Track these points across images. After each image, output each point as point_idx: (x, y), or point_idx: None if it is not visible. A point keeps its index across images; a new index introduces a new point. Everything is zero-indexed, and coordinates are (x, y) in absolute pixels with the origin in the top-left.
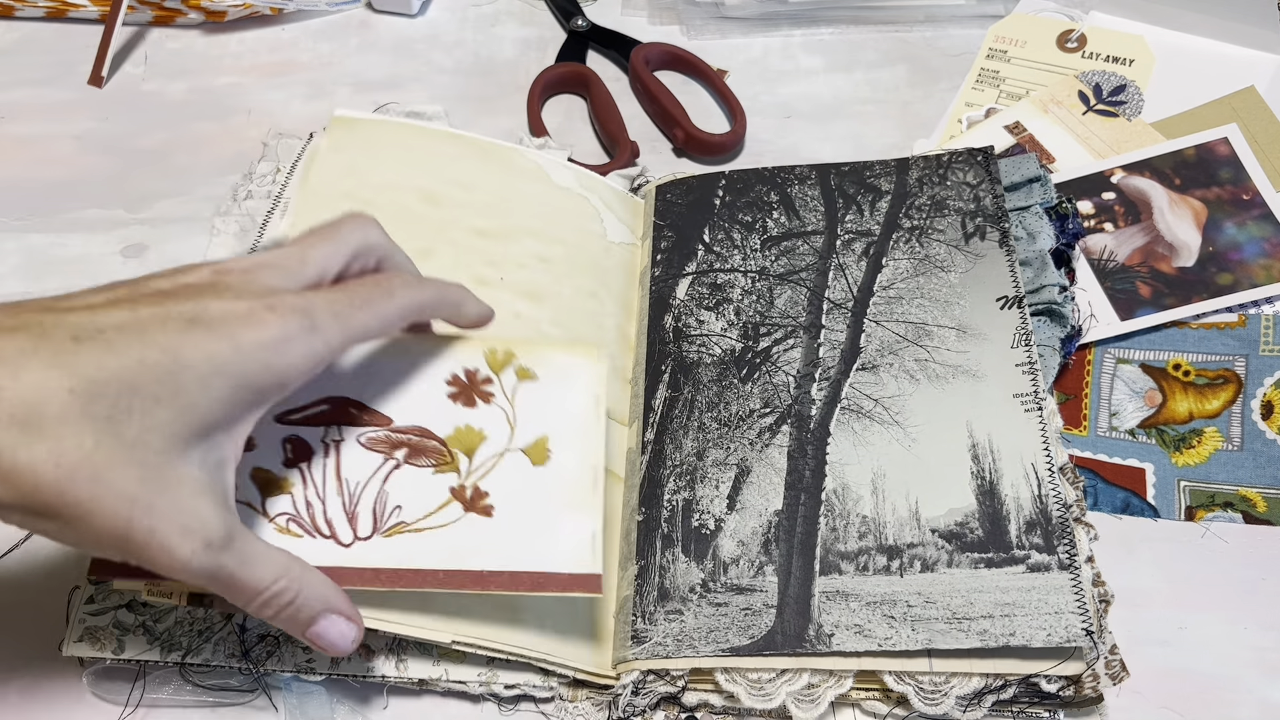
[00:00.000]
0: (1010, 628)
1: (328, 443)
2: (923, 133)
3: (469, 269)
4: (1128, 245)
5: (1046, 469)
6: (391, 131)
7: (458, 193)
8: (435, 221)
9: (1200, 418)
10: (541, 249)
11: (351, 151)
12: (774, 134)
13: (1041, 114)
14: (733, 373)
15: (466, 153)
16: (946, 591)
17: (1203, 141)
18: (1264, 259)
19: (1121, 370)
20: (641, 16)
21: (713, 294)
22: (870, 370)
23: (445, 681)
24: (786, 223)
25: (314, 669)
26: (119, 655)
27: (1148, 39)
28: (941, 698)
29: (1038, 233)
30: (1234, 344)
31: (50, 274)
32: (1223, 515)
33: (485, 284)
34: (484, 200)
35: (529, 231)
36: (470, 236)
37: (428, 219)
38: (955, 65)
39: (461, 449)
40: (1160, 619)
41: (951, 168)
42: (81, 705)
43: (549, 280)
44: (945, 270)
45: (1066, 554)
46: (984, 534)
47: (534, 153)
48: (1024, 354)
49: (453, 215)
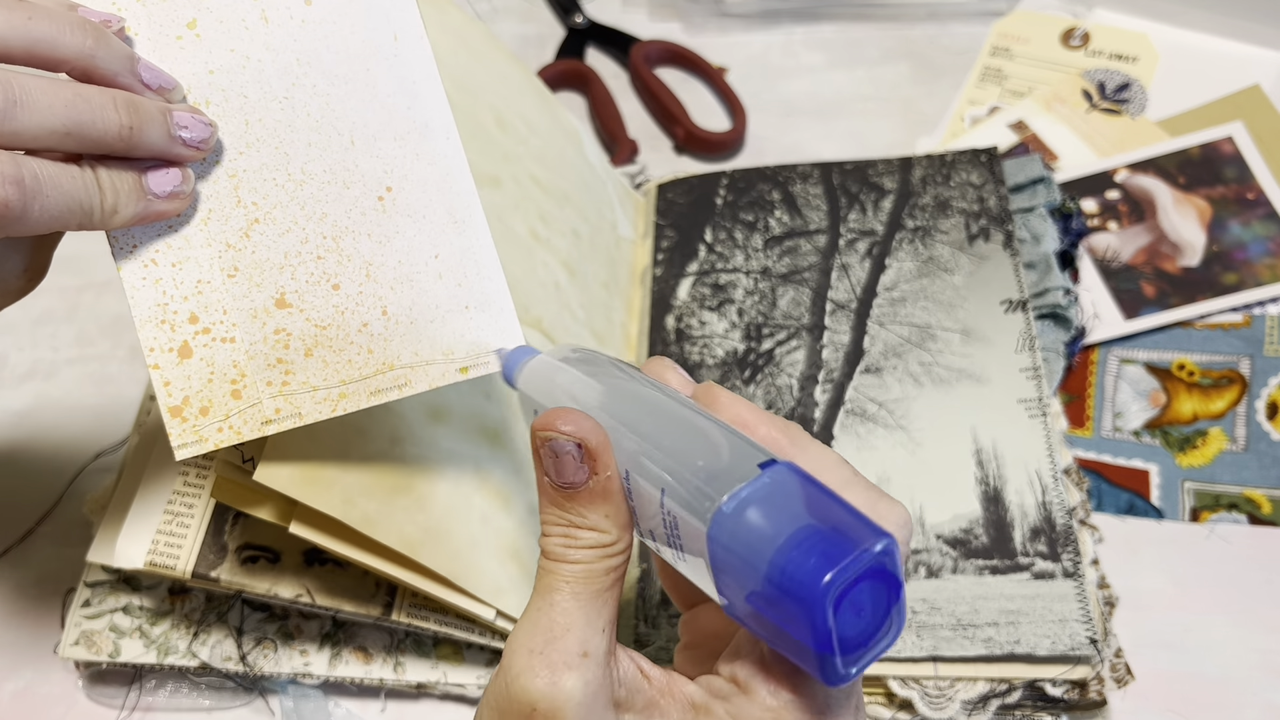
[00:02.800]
0: (1015, 635)
1: None
2: (925, 130)
3: (525, 218)
4: (1132, 244)
5: (1051, 476)
6: (469, 25)
7: (522, 128)
8: (503, 150)
9: (1205, 418)
10: (577, 222)
11: (433, 31)
12: (775, 132)
13: (1045, 112)
14: (735, 374)
15: (527, 88)
16: (952, 598)
17: (1207, 140)
18: (1269, 258)
19: (1126, 370)
20: (641, 13)
21: (715, 294)
22: (874, 373)
23: (443, 685)
24: (789, 221)
25: (311, 672)
26: (115, 658)
27: (1152, 36)
28: (946, 702)
29: (1042, 235)
30: (1239, 344)
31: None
32: (1227, 517)
33: (538, 239)
34: (540, 147)
35: (568, 198)
36: (529, 182)
37: (498, 144)
38: (958, 62)
39: None
40: (1165, 621)
41: (955, 167)
42: (77, 708)
43: (578, 257)
44: (949, 272)
45: (1071, 562)
46: (989, 541)
47: (572, 117)
48: (1028, 358)
49: (516, 150)
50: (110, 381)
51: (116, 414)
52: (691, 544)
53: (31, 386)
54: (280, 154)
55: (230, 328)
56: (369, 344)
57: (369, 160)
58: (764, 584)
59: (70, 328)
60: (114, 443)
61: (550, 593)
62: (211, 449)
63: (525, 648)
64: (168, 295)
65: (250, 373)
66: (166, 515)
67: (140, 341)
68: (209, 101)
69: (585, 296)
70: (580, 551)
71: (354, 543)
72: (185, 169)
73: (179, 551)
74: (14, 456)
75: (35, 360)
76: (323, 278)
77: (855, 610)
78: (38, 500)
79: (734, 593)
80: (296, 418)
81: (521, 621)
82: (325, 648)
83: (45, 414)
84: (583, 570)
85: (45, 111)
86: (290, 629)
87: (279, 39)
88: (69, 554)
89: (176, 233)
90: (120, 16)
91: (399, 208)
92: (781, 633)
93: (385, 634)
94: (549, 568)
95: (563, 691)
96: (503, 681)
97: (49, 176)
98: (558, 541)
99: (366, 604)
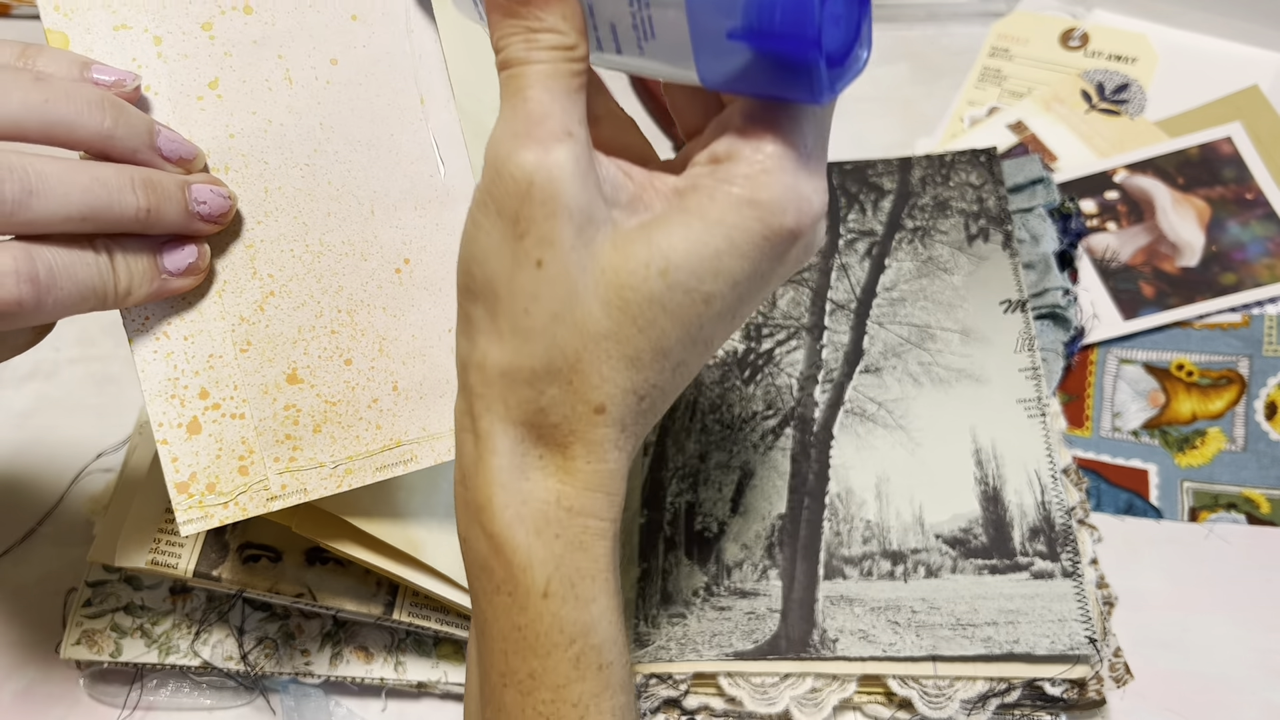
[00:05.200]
0: (1014, 635)
1: None
2: (925, 131)
3: None
4: (1131, 245)
5: (1050, 476)
6: (477, 27)
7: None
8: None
9: (1204, 418)
10: None
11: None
12: None
13: (1044, 112)
14: (735, 374)
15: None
16: (951, 598)
17: (1206, 140)
18: (1268, 259)
19: (1125, 370)
20: None
21: None
22: (873, 373)
23: (444, 684)
24: None
25: (312, 672)
26: (116, 658)
27: (1151, 37)
28: (946, 701)
29: (1041, 235)
30: (1237, 344)
31: None
32: (1226, 516)
33: None
34: None
35: None
36: None
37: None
38: (957, 63)
39: None
40: (1163, 621)
41: (955, 168)
42: (79, 708)
43: None
44: (949, 272)
45: (1070, 561)
46: (988, 540)
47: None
48: (1028, 358)
49: None
50: (112, 381)
51: (118, 414)
52: (664, 11)
53: (33, 386)
54: (299, 224)
55: (240, 404)
56: (378, 420)
57: (388, 231)
58: (748, 11)
59: (72, 328)
60: (115, 443)
61: (521, 90)
62: (217, 524)
63: (509, 134)
64: (179, 370)
65: (258, 449)
66: (168, 515)
67: (149, 416)
68: (228, 167)
69: None
70: (542, 52)
71: (357, 541)
72: (202, 244)
73: (180, 551)
74: (15, 456)
75: (37, 360)
76: (336, 353)
77: (833, 21)
78: (39, 500)
79: (713, 48)
80: (302, 494)
81: (498, 123)
82: (326, 647)
83: (47, 414)
84: (549, 69)
85: (62, 199)
86: (291, 628)
87: (303, 101)
88: (70, 553)
89: (190, 306)
90: (136, 75)
91: (416, 280)
92: (764, 64)
93: (386, 633)
94: (513, 73)
95: (556, 162)
96: (492, 172)
97: (63, 267)
98: (518, 47)
99: (368, 603)
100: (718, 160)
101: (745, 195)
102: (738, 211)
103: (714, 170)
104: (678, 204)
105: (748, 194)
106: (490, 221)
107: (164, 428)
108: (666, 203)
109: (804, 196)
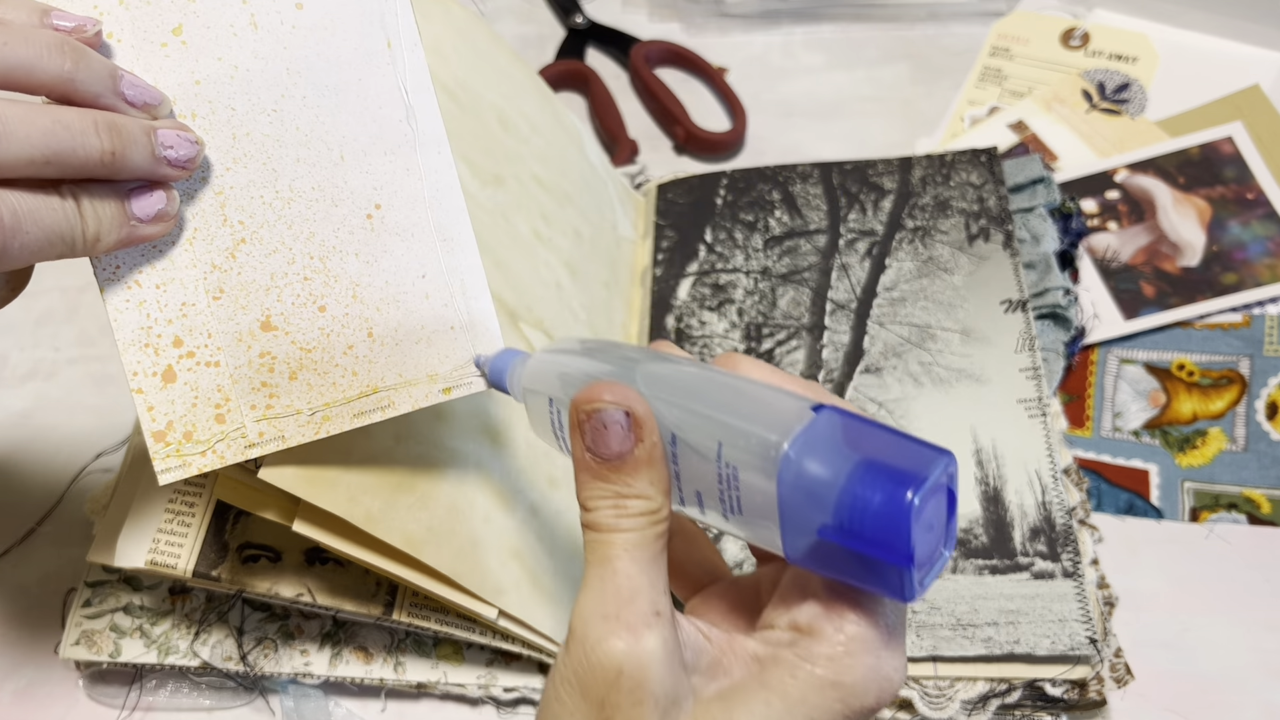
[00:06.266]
0: (1015, 635)
1: None
2: (925, 131)
3: (528, 218)
4: (1131, 244)
5: (1050, 476)
6: (473, 23)
7: (524, 127)
8: (506, 149)
9: (1204, 418)
10: (578, 222)
11: (437, 26)
12: (775, 132)
13: (1045, 112)
14: None
15: (529, 87)
16: (951, 598)
17: (1207, 140)
18: (1269, 258)
19: (1125, 370)
20: (641, 14)
21: (715, 295)
22: (874, 373)
23: (444, 684)
24: (789, 221)
25: (311, 672)
26: (115, 658)
27: (1151, 37)
28: (946, 702)
29: (1042, 235)
30: (1238, 344)
31: None
32: (1227, 517)
33: (540, 239)
34: (542, 147)
35: (570, 199)
36: (531, 182)
37: (501, 143)
38: (958, 63)
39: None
40: (1164, 621)
41: (955, 167)
42: (78, 708)
43: (580, 257)
44: (949, 272)
45: (1071, 561)
46: (989, 540)
47: (574, 117)
48: (1028, 358)
49: (519, 149)
50: (111, 381)
51: (117, 414)
52: (752, 495)
53: (32, 386)
54: (268, 170)
55: (215, 351)
56: (354, 366)
57: (358, 176)
58: (840, 514)
59: (71, 328)
60: (115, 442)
61: (609, 561)
62: (195, 474)
63: (598, 614)
64: (151, 318)
65: (234, 397)
66: (167, 514)
67: (123, 365)
68: (195, 114)
69: (586, 297)
70: (631, 519)
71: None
72: (170, 190)
73: (180, 551)
74: (15, 456)
75: (36, 360)
76: (309, 299)
77: (926, 527)
78: (38, 500)
79: (801, 533)
80: (280, 441)
81: (585, 592)
82: (326, 647)
83: (46, 414)
84: (637, 537)
85: (23, 141)
86: (291, 628)
87: (268, 46)
88: (70, 554)
89: (162, 254)
90: (97, 19)
91: (387, 226)
92: (856, 560)
93: (386, 634)
94: (602, 539)
95: (646, 650)
96: (580, 652)
97: (28, 211)
98: (607, 514)
99: (367, 603)
100: (799, 630)
101: (829, 678)
102: (820, 693)
103: (795, 642)
104: (758, 675)
105: (831, 676)
106: (574, 701)
107: (138, 376)
108: (746, 669)
109: (886, 677)
